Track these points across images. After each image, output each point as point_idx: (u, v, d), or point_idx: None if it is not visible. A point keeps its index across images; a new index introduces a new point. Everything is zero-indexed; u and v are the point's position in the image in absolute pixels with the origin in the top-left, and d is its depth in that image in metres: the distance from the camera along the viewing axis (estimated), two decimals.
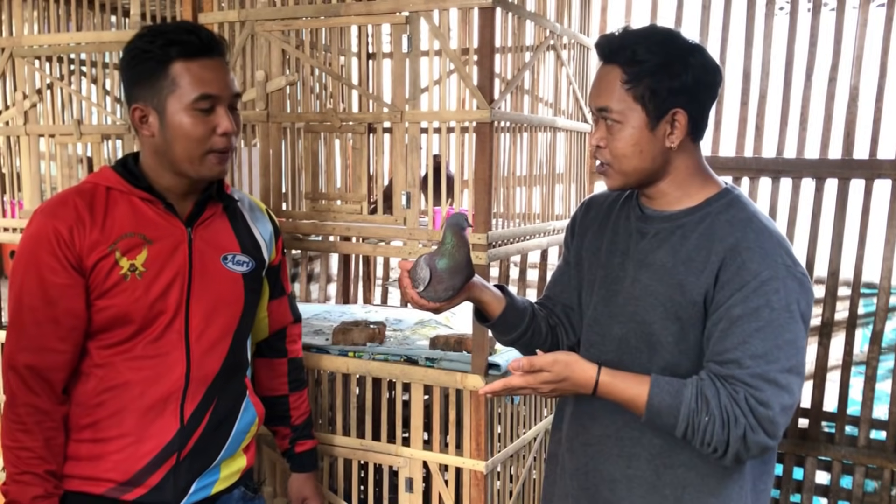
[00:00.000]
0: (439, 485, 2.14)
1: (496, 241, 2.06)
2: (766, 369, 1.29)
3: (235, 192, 1.76)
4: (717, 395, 1.30)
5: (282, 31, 2.18)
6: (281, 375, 1.89)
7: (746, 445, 1.30)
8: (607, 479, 1.47)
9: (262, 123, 2.24)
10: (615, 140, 1.39)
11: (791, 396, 1.31)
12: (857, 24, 2.71)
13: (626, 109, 1.37)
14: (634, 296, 1.44)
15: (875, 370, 2.78)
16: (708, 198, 1.43)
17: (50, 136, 2.50)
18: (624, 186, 1.45)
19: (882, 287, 2.75)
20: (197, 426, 1.60)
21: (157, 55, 1.51)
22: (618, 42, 1.39)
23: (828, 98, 2.76)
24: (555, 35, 2.35)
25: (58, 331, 1.52)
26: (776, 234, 1.38)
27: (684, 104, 1.37)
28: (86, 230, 1.52)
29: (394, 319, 2.69)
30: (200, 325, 1.60)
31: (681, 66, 1.36)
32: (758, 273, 1.32)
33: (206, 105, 1.52)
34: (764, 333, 1.30)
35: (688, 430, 1.31)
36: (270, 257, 1.78)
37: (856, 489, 2.81)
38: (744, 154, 2.90)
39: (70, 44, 2.45)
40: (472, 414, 2.06)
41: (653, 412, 1.33)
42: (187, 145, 1.53)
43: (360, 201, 2.16)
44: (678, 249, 1.40)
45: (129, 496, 1.57)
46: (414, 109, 2.06)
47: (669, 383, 1.33)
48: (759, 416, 1.28)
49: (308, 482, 1.95)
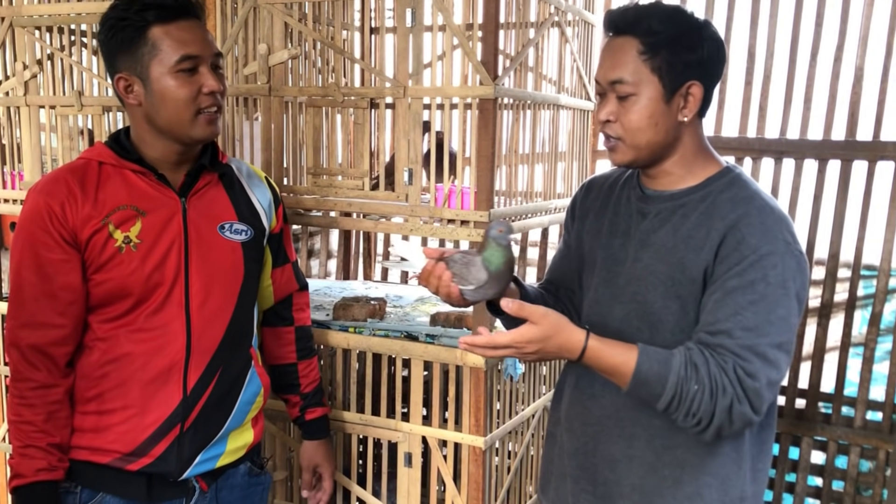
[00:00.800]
0: (438, 460, 2.15)
1: (497, 219, 2.05)
2: (756, 342, 1.29)
3: (233, 160, 1.75)
4: (707, 364, 1.29)
5: (284, 4, 2.17)
6: (288, 344, 1.90)
7: (731, 418, 1.29)
8: (608, 459, 1.48)
9: (264, 97, 2.22)
10: (629, 113, 1.38)
11: (778, 372, 1.31)
12: (864, 4, 2.69)
13: (641, 81, 1.36)
14: (636, 276, 1.44)
15: (873, 352, 2.80)
16: (709, 176, 1.43)
17: (50, 107, 2.49)
18: (634, 162, 1.43)
19: (882, 269, 2.76)
20: (200, 396, 1.61)
21: (134, 22, 1.51)
22: (634, 14, 1.38)
23: (832, 78, 2.75)
24: (559, 11, 2.33)
25: (56, 306, 1.53)
26: (778, 211, 1.38)
27: (699, 77, 1.37)
28: (77, 205, 1.53)
29: (394, 296, 2.69)
30: (200, 294, 1.60)
31: (696, 38, 1.37)
32: (757, 248, 1.32)
33: (189, 65, 1.52)
34: (757, 307, 1.30)
35: (674, 400, 1.30)
36: (271, 225, 1.78)
37: (851, 469, 2.83)
38: (747, 134, 2.89)
39: (71, 14, 2.42)
40: (472, 390, 2.07)
41: (640, 379, 1.31)
42: (175, 108, 1.53)
43: (362, 177, 2.16)
44: (679, 228, 1.40)
45: (134, 466, 1.58)
46: (417, 85, 2.04)
47: (657, 352, 1.32)
48: (747, 388, 1.28)
49: (319, 449, 1.96)
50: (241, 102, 2.30)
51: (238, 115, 2.31)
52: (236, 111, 2.30)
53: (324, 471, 1.97)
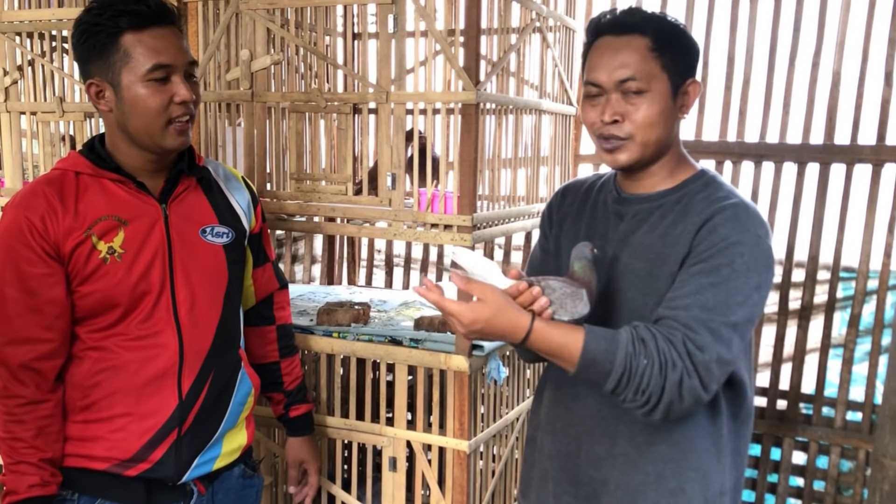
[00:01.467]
0: (422, 464, 2.16)
1: (481, 223, 2.07)
2: (709, 316, 1.29)
3: (209, 162, 1.75)
4: (655, 339, 1.28)
5: (267, 10, 2.17)
6: (271, 342, 1.91)
7: (681, 393, 1.28)
8: (593, 458, 1.48)
9: (247, 103, 2.23)
10: (640, 110, 1.38)
11: (729, 351, 1.30)
12: (841, 10, 2.73)
13: (653, 77, 1.38)
14: (615, 275, 1.46)
15: (852, 353, 2.83)
16: (685, 179, 1.47)
17: (31, 113, 2.48)
18: (638, 161, 1.43)
19: (860, 271, 2.79)
20: (195, 400, 1.61)
21: (106, 28, 1.49)
22: (641, 14, 1.43)
23: (811, 83, 2.79)
24: (541, 17, 2.35)
25: (42, 320, 1.52)
26: (752, 209, 1.40)
27: (695, 75, 1.44)
28: (58, 218, 1.51)
29: (378, 300, 2.69)
30: (187, 300, 1.60)
31: (693, 42, 1.44)
32: (727, 237, 1.34)
33: (161, 74, 1.50)
34: (718, 289, 1.31)
35: (623, 377, 1.28)
36: (251, 225, 1.77)
37: (831, 469, 2.86)
38: (727, 138, 2.92)
39: (52, 20, 2.42)
40: (456, 394, 2.07)
41: (588, 358, 1.28)
42: (145, 117, 1.51)
43: (345, 182, 2.16)
44: (656, 227, 1.43)
45: (132, 472, 1.58)
46: (399, 90, 2.05)
47: (604, 330, 1.31)
48: (696, 361, 1.27)
49: (305, 445, 1.97)
50: (223, 108, 2.30)
51: (221, 121, 2.31)
52: (219, 117, 2.30)
53: (310, 466, 1.98)
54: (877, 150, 2.71)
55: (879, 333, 2.78)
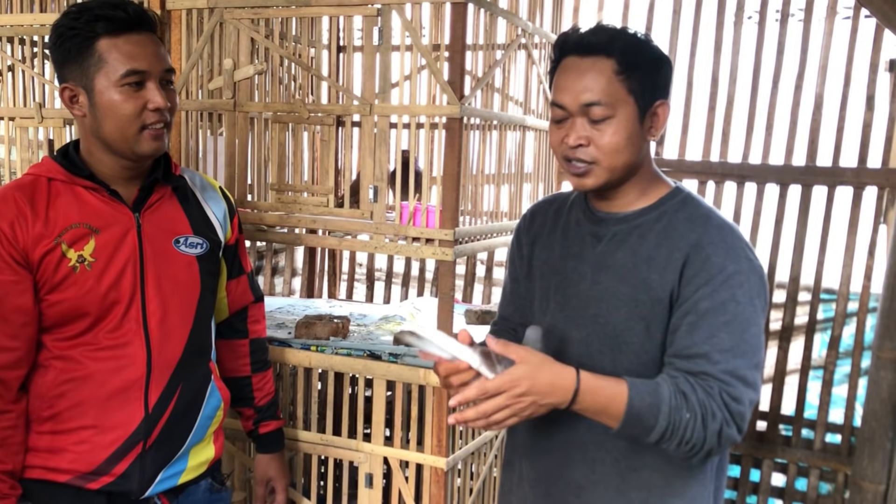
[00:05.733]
0: (399, 481, 2.13)
1: (463, 238, 2.05)
2: (735, 365, 1.30)
3: (186, 171, 1.72)
4: (695, 391, 1.28)
5: (251, 20, 2.16)
6: (243, 356, 1.87)
7: (720, 441, 1.29)
8: (573, 486, 1.45)
9: (229, 112, 2.21)
10: (605, 136, 1.34)
11: (756, 392, 1.32)
12: (823, 34, 2.76)
13: (618, 102, 1.33)
14: (595, 298, 1.42)
15: (832, 374, 2.83)
16: (661, 197, 1.43)
17: (10, 118, 2.44)
18: (606, 185, 1.40)
19: (841, 293, 2.80)
20: (162, 413, 1.57)
21: (82, 32, 1.48)
22: (608, 34, 1.36)
23: (793, 105, 2.81)
24: (526, 33, 2.35)
25: (7, 328, 1.48)
26: (735, 229, 1.40)
27: (664, 97, 1.39)
28: (28, 224, 1.48)
29: (358, 314, 2.67)
30: (157, 311, 1.57)
31: (664, 61, 1.39)
32: (723, 267, 1.32)
33: (135, 80, 1.49)
34: (731, 328, 1.31)
35: (668, 430, 1.27)
36: (226, 236, 1.75)
37: (810, 491, 2.86)
38: (710, 158, 2.93)
39: (33, 25, 2.39)
40: (434, 410, 2.05)
41: (633, 414, 1.26)
42: (118, 123, 1.49)
43: (327, 194, 2.15)
44: (637, 249, 1.40)
45: (94, 485, 1.54)
46: (384, 103, 2.04)
47: (645, 384, 1.29)
48: (733, 412, 1.29)
49: (272, 462, 1.93)
50: (205, 117, 2.28)
51: (202, 130, 2.29)
52: (200, 126, 2.28)
53: (277, 484, 1.94)
54: (858, 173, 2.73)
55: (859, 356, 2.79)
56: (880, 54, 2.73)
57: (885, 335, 2.55)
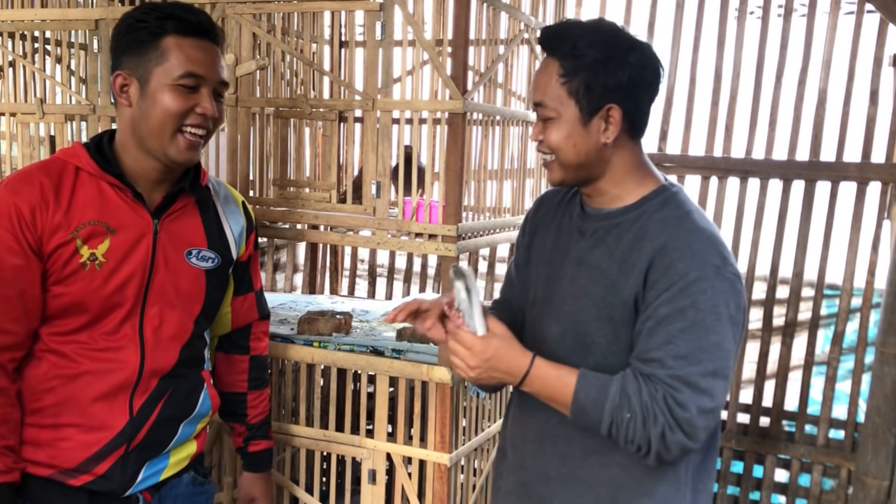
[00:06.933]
0: (402, 477, 2.12)
1: (466, 234, 2.05)
2: (687, 371, 1.28)
3: (213, 180, 1.71)
4: (639, 392, 1.29)
5: (253, 15, 2.15)
6: (241, 372, 1.86)
7: (666, 445, 1.28)
8: (543, 476, 1.47)
9: (231, 108, 2.20)
10: (550, 134, 1.38)
11: (712, 400, 1.29)
12: (827, 29, 2.75)
13: (559, 105, 1.36)
14: (572, 294, 1.43)
15: (835, 370, 2.83)
16: (643, 196, 1.42)
17: (11, 114, 2.44)
18: (564, 181, 1.43)
19: (844, 289, 2.79)
20: (147, 417, 1.57)
21: (151, 25, 1.49)
22: (558, 33, 1.38)
23: (797, 100, 2.80)
24: (529, 28, 2.34)
25: (11, 311, 1.47)
26: (708, 233, 1.36)
27: (619, 101, 1.35)
28: (48, 212, 1.47)
29: (360, 310, 2.66)
30: (155, 319, 1.56)
31: (618, 63, 1.34)
32: (685, 273, 1.30)
33: (191, 83, 1.49)
34: (688, 334, 1.29)
35: (612, 427, 1.30)
36: (239, 253, 1.73)
37: (814, 487, 2.86)
38: (713, 154, 2.92)
39: (35, 20, 2.38)
40: (437, 406, 2.05)
41: (578, 406, 1.32)
42: (163, 119, 1.49)
43: (330, 189, 2.14)
44: (613, 250, 1.39)
45: (76, 482, 1.53)
46: (386, 98, 2.03)
47: (596, 377, 1.33)
48: (678, 417, 1.27)
49: (257, 482, 1.91)
50: None
51: None
52: None
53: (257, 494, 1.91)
54: (862, 168, 2.72)
55: (863, 351, 2.78)
56: (884, 49, 2.72)
57: (889, 331, 2.54)
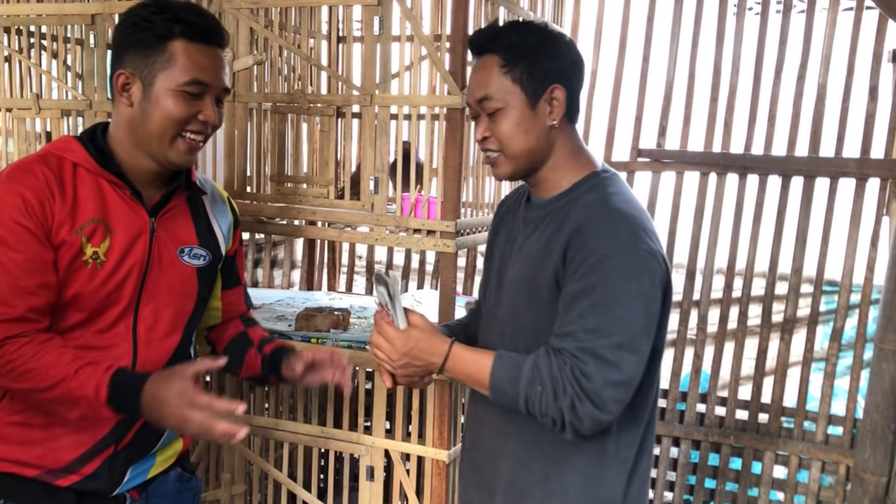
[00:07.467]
0: (401, 474, 2.12)
1: (464, 230, 2.04)
2: (595, 344, 1.32)
3: (199, 176, 1.70)
4: (550, 366, 1.34)
5: (251, 10, 2.13)
6: (235, 326, 1.79)
7: (577, 416, 1.32)
8: (490, 454, 1.55)
9: (228, 103, 2.18)
10: (499, 125, 1.43)
11: (620, 372, 1.32)
12: (826, 25, 2.74)
13: (505, 94, 1.42)
14: (512, 282, 1.50)
15: (834, 367, 2.83)
16: (575, 182, 1.47)
17: (7, 110, 2.42)
18: (514, 173, 1.49)
19: (843, 285, 2.79)
20: (136, 418, 1.54)
21: (158, 28, 1.46)
22: (492, 32, 1.47)
23: (796, 96, 2.79)
24: None
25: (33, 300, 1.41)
26: (624, 213, 1.39)
27: (560, 81, 1.43)
28: (56, 206, 1.44)
29: (358, 307, 2.65)
30: (149, 318, 1.55)
31: (554, 48, 1.44)
32: (597, 249, 1.35)
33: (196, 90, 1.47)
34: (598, 309, 1.33)
35: (528, 401, 1.35)
36: (226, 249, 1.72)
37: (812, 484, 2.85)
38: (712, 149, 2.91)
39: (30, 15, 2.37)
40: (436, 403, 2.04)
41: (495, 385, 1.38)
42: (164, 123, 1.47)
43: (327, 185, 2.13)
44: (543, 234, 1.45)
45: (63, 482, 1.51)
46: (384, 93, 2.02)
47: (511, 357, 1.39)
48: (585, 388, 1.31)
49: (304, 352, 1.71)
50: None
51: None
52: None
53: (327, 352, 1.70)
54: (861, 164, 2.71)
55: (861, 348, 2.78)
56: (883, 45, 2.72)
57: (888, 327, 2.54)
